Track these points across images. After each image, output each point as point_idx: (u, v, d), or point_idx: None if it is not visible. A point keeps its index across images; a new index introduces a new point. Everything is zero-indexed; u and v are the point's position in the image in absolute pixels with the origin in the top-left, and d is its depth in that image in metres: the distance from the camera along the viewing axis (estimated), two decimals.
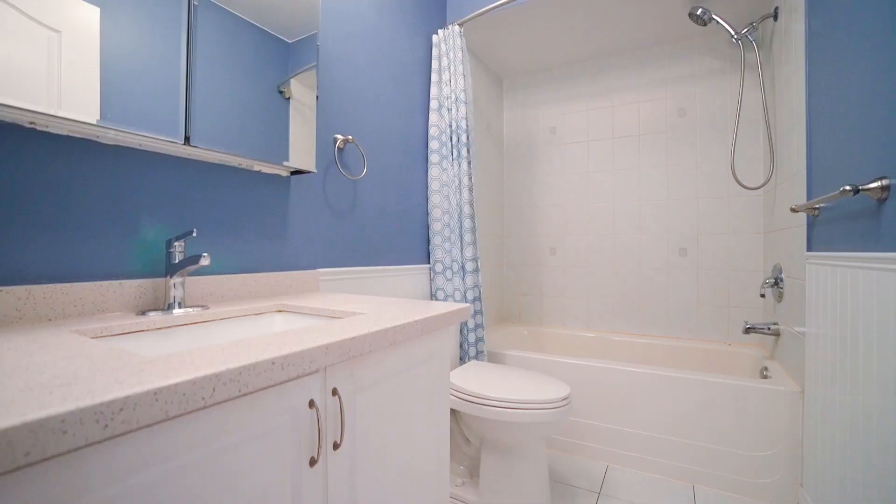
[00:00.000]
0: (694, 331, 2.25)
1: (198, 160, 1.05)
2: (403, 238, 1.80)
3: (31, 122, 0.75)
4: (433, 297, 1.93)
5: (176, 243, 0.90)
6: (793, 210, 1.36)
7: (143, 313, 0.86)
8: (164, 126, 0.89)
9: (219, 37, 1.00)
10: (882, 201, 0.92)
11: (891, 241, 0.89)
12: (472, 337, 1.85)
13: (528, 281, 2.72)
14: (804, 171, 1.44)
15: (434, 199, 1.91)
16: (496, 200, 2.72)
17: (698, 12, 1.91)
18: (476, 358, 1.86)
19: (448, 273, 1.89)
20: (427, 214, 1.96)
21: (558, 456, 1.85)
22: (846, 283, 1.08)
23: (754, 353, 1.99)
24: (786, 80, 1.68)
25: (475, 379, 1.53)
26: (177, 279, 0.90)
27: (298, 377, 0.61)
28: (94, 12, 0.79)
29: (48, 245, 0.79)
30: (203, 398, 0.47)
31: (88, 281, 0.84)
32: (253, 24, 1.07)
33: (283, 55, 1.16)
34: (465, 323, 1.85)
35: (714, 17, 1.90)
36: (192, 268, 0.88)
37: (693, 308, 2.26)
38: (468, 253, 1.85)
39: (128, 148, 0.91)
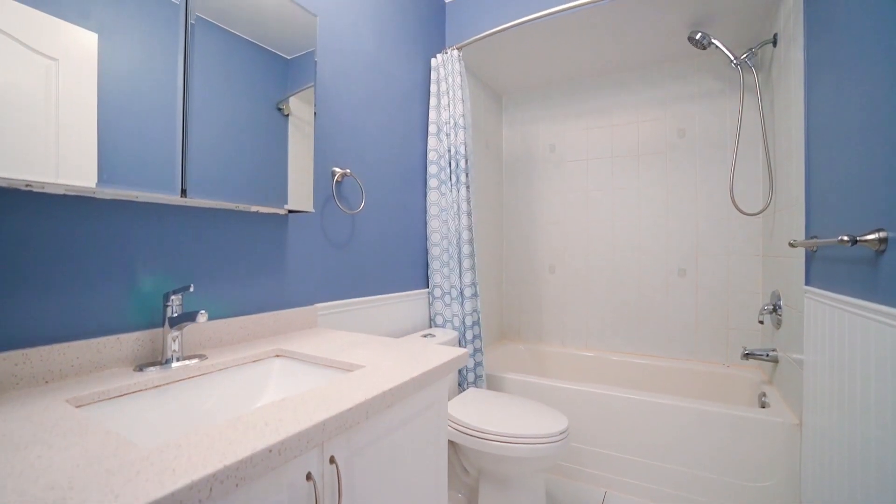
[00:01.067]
0: (693, 351, 2.25)
1: (195, 207, 1.04)
2: (402, 264, 1.80)
3: (27, 185, 0.75)
4: (432, 321, 1.93)
5: (173, 297, 0.90)
6: (791, 245, 1.36)
7: (140, 369, 0.86)
8: (161, 171, 0.88)
9: (217, 56, 0.99)
10: (880, 253, 0.92)
11: (888, 295, 0.89)
12: (470, 362, 1.85)
13: (528, 298, 2.72)
14: (803, 202, 1.44)
15: (433, 223, 1.90)
16: (495, 217, 2.72)
17: (697, 36, 1.90)
18: (475, 383, 1.86)
19: (447, 298, 1.89)
20: (426, 239, 1.96)
21: (557, 481, 1.85)
22: (844, 326, 1.08)
23: (753, 376, 1.99)
24: (785, 107, 1.68)
25: (474, 410, 1.53)
26: (174, 332, 0.90)
27: (296, 457, 0.61)
28: (92, 38, 0.78)
29: (45, 304, 0.79)
30: (200, 500, 0.47)
31: (86, 338, 0.84)
32: (251, 42, 1.07)
33: (282, 71, 1.16)
34: (464, 346, 1.85)
35: (713, 41, 1.90)
36: (190, 323, 0.88)
37: (692, 329, 2.26)
38: (467, 279, 1.84)
39: (124, 201, 0.91)
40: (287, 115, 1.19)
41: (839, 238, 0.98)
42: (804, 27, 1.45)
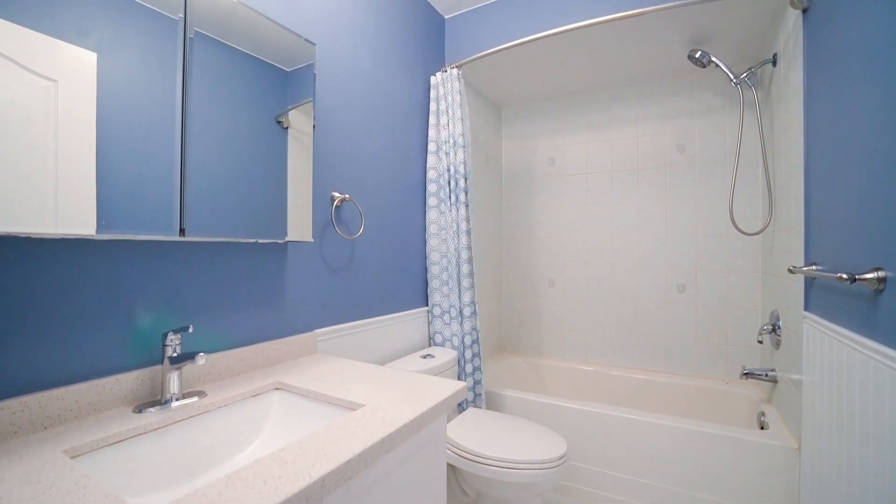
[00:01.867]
0: (692, 367, 2.26)
1: (193, 242, 1.04)
2: (401, 284, 1.80)
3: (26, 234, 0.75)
4: (431, 339, 1.93)
5: (172, 336, 0.90)
6: (790, 271, 1.36)
7: (139, 410, 0.86)
8: (160, 205, 0.89)
9: (216, 69, 0.99)
10: (879, 292, 0.92)
11: (887, 336, 0.89)
12: (469, 381, 1.85)
13: (527, 311, 2.72)
14: (802, 226, 1.44)
15: (432, 242, 1.90)
16: (495, 229, 2.72)
17: (697, 55, 1.90)
18: (474, 402, 1.87)
19: (446, 317, 1.89)
20: (425, 258, 1.96)
21: (556, 499, 1.85)
22: (843, 358, 1.09)
23: (752, 393, 1.99)
24: (784, 129, 1.68)
25: (472, 433, 1.53)
26: (173, 372, 0.90)
27: None
28: (91, 57, 0.78)
29: (43, 349, 0.79)
30: None
31: (85, 381, 0.84)
32: (250, 55, 1.08)
33: (281, 84, 1.16)
34: (464, 367, 1.85)
35: (713, 59, 1.90)
36: (189, 363, 0.87)
37: (691, 344, 2.26)
38: (466, 298, 1.84)
39: (122, 241, 0.90)
40: (286, 128, 1.19)
41: (838, 275, 0.98)
42: (804, 51, 1.45)
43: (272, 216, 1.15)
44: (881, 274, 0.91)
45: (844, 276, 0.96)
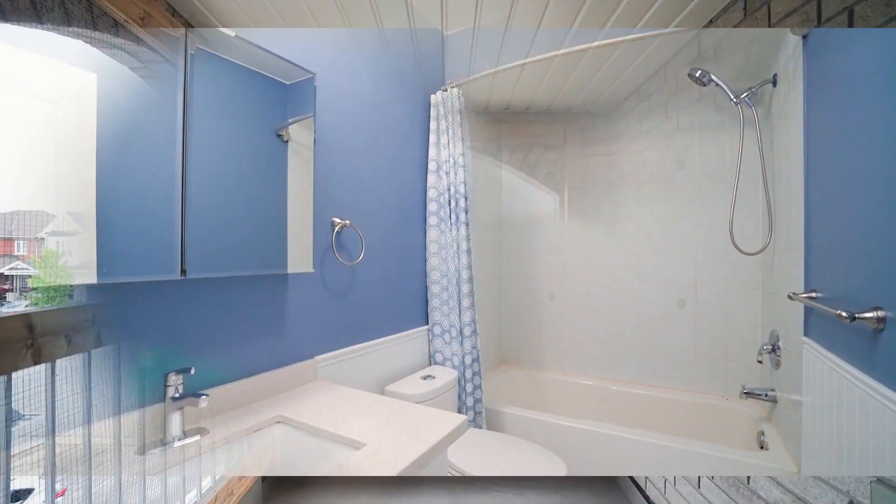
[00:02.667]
0: (691, 382, 2.26)
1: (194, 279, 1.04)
2: (402, 304, 1.80)
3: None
4: (431, 358, 1.93)
5: (174, 377, 0.90)
6: (790, 298, 1.36)
7: (142, 452, 0.86)
8: (161, 242, 0.89)
9: (216, 85, 1.00)
10: (878, 331, 0.92)
11: (887, 375, 0.89)
12: (469, 400, 1.86)
13: (527, 324, 2.72)
14: (802, 251, 1.45)
15: (432, 261, 1.91)
16: (495, 242, 2.72)
17: (697, 74, 1.90)
18: (474, 420, 1.87)
19: (446, 337, 1.89)
20: (426, 276, 1.96)
21: None
22: (843, 390, 1.09)
23: (752, 411, 2.00)
24: (785, 150, 1.68)
25: (472, 455, 1.54)
26: (175, 412, 0.90)
27: None
28: (91, 78, 0.78)
29: None
30: None
31: (86, 423, 0.84)
32: (251, 70, 1.08)
33: (281, 97, 1.17)
34: (464, 386, 1.86)
35: (713, 78, 1.90)
36: (192, 405, 0.88)
37: (691, 360, 2.26)
38: (466, 317, 1.85)
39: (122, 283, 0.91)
40: (287, 142, 1.19)
41: (837, 313, 0.98)
42: (804, 75, 1.45)
43: (273, 245, 1.16)
44: (881, 314, 0.91)
45: (844, 314, 0.96)
